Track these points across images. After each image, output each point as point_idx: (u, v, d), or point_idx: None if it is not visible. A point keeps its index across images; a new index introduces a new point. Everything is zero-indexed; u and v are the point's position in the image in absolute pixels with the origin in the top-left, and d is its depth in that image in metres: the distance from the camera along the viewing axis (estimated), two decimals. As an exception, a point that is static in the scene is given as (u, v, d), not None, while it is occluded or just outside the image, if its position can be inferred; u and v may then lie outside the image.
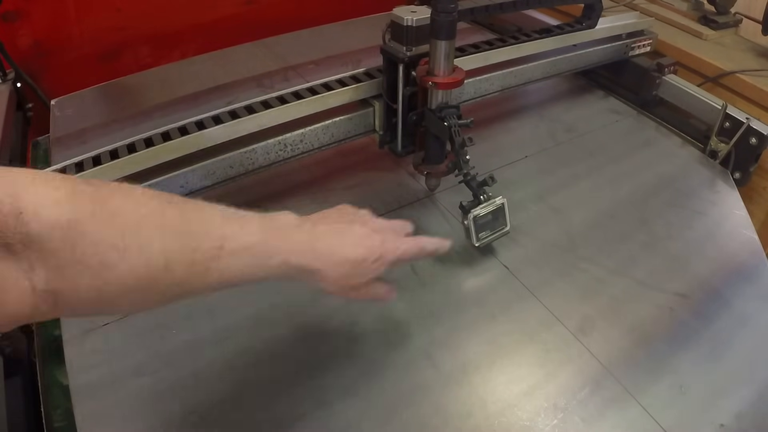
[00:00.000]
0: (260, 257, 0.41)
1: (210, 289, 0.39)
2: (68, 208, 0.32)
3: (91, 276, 0.33)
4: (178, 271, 0.36)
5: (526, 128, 0.98)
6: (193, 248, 0.37)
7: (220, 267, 0.38)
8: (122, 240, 0.34)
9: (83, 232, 0.32)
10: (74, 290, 0.33)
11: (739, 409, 0.58)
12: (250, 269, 0.40)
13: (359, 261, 0.47)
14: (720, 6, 1.16)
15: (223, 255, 0.38)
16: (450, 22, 0.63)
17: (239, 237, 0.40)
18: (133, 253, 0.34)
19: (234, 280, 0.40)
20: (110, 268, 0.33)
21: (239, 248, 0.39)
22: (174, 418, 0.53)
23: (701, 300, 0.69)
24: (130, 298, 0.35)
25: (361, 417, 0.54)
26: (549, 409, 0.56)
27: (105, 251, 0.33)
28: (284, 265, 0.43)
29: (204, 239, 0.38)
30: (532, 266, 0.71)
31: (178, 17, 1.24)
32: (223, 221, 0.40)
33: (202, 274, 0.38)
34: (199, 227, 0.38)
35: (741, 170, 0.90)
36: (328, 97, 0.76)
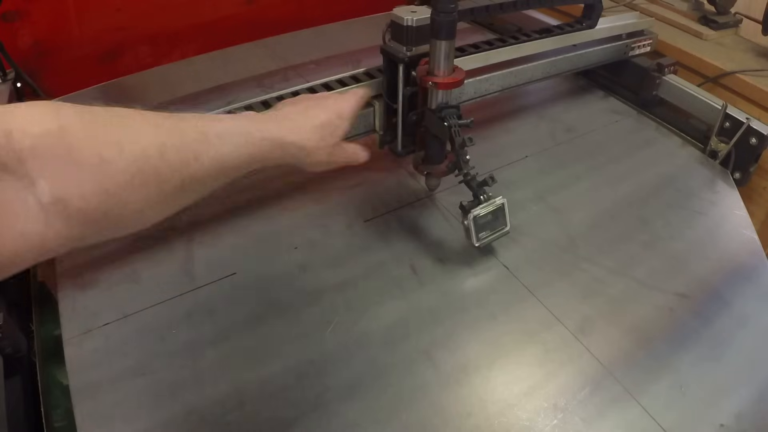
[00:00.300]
0: (241, 136, 0.45)
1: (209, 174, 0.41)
2: (56, 118, 0.33)
3: (92, 174, 0.33)
4: (172, 156, 0.38)
5: (526, 128, 0.98)
6: (180, 134, 0.39)
7: (209, 151, 0.41)
8: (114, 134, 0.35)
9: (75, 132, 0.33)
10: (80, 194, 0.33)
11: (739, 409, 0.58)
12: (237, 148, 0.44)
13: (326, 122, 0.55)
14: (720, 6, 1.16)
15: (208, 138, 0.41)
16: (450, 22, 0.63)
17: (219, 125, 0.44)
18: (128, 144, 0.35)
19: (226, 163, 0.43)
20: (110, 162, 0.34)
21: (221, 132, 0.43)
22: (174, 418, 0.53)
23: (701, 300, 0.69)
24: (134, 192, 0.35)
25: (361, 417, 0.54)
26: (549, 409, 0.56)
27: (102, 147, 0.34)
28: (264, 142, 0.47)
29: (188, 127, 0.41)
30: (532, 266, 0.71)
31: (178, 17, 1.24)
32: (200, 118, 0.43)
33: (196, 158, 0.40)
34: (180, 122, 0.41)
35: (741, 170, 0.90)
36: (328, 97, 0.75)
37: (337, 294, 0.66)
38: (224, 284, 0.66)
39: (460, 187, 0.69)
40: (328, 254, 0.71)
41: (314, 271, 0.69)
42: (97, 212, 0.34)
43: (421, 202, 0.80)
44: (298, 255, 0.71)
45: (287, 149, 0.50)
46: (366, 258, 0.71)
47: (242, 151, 0.45)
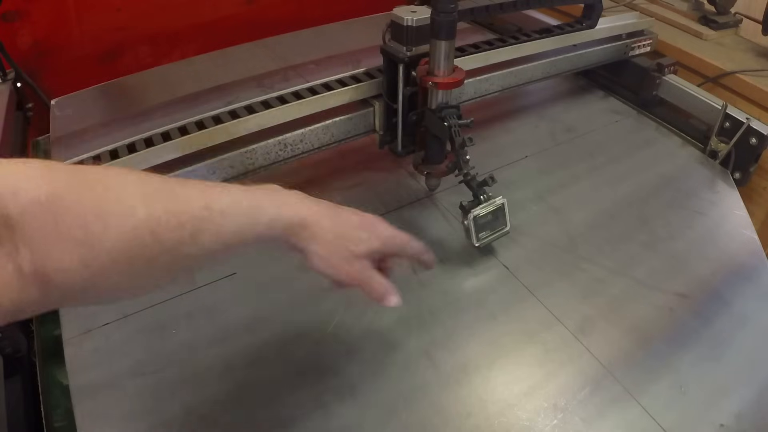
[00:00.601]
0: (251, 215, 0.40)
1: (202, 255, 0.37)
2: (46, 184, 0.31)
3: (76, 249, 0.31)
4: (166, 236, 0.35)
5: (526, 128, 0.98)
6: (180, 211, 0.36)
7: (210, 228, 0.37)
8: (104, 207, 0.33)
9: (63, 204, 0.31)
10: (62, 268, 0.31)
11: (739, 409, 0.58)
12: (242, 228, 0.39)
13: (354, 226, 0.46)
14: (720, 6, 1.16)
15: (212, 216, 0.37)
16: (450, 22, 0.63)
17: (225, 198, 0.39)
18: (116, 221, 0.33)
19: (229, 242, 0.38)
20: (95, 237, 0.32)
21: (227, 207, 0.38)
22: (174, 418, 0.53)
23: (701, 300, 0.69)
24: (120, 271, 0.33)
25: (361, 417, 0.54)
26: (549, 409, 0.56)
27: (88, 221, 0.32)
28: (276, 222, 0.41)
29: (190, 202, 0.37)
30: (532, 266, 0.71)
31: (178, 17, 1.24)
32: (206, 187, 0.39)
33: (193, 236, 0.36)
34: (183, 192, 0.37)
35: (741, 170, 0.90)
36: (328, 97, 0.76)
37: (337, 294, 0.66)
38: (224, 284, 0.66)
39: (460, 187, 0.69)
40: (328, 254, 0.71)
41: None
42: (77, 286, 0.32)
43: (421, 202, 0.80)
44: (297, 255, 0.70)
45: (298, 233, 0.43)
46: (366, 258, 0.71)
47: (247, 230, 0.39)
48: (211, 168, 0.71)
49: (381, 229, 0.48)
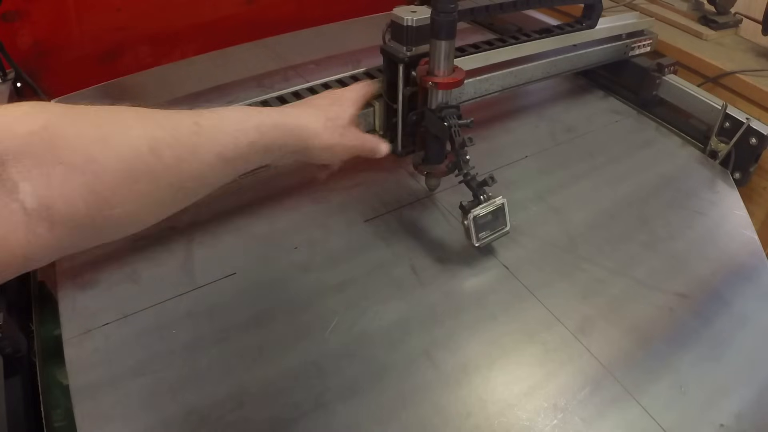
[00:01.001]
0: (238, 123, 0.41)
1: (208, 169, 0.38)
2: (41, 117, 0.31)
3: (78, 174, 0.31)
4: (165, 151, 0.35)
5: (526, 128, 0.98)
6: (173, 127, 0.36)
7: (205, 141, 0.38)
8: (101, 129, 0.32)
9: (60, 132, 0.31)
10: (66, 198, 0.30)
11: (739, 409, 0.58)
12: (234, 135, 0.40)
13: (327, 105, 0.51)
14: (720, 6, 1.16)
15: (203, 129, 0.38)
16: (450, 22, 0.63)
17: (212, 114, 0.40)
18: (115, 141, 0.32)
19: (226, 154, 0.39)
20: (96, 159, 0.31)
21: (215, 121, 0.39)
22: (174, 418, 0.53)
23: (701, 300, 0.69)
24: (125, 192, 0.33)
25: (361, 417, 0.54)
26: (549, 409, 0.56)
27: (86, 144, 0.31)
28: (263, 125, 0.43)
29: (181, 121, 0.37)
30: (532, 266, 0.71)
31: (178, 17, 1.24)
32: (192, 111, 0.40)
33: (190, 151, 0.36)
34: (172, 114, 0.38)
35: (741, 170, 0.90)
36: (328, 97, 0.76)
37: (337, 294, 0.66)
38: (224, 284, 0.66)
39: (460, 187, 0.69)
40: (328, 254, 0.71)
41: (314, 271, 0.69)
42: (85, 216, 0.31)
43: (421, 202, 0.80)
44: (298, 255, 0.71)
45: (291, 132, 0.46)
46: (366, 258, 0.71)
47: (241, 137, 0.41)
48: (211, 168, 0.71)
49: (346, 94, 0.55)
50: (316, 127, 0.49)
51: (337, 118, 0.51)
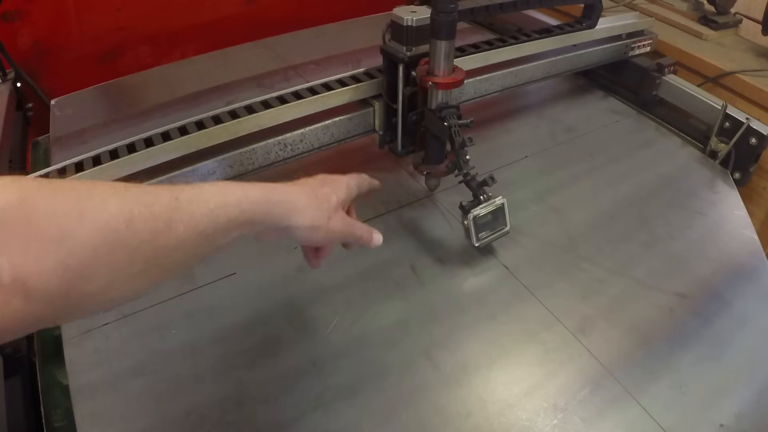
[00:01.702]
0: (218, 198, 0.40)
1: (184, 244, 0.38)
2: (15, 189, 0.31)
3: (53, 248, 0.31)
4: (141, 226, 0.35)
5: (526, 128, 0.98)
6: (151, 203, 0.36)
7: (183, 217, 0.37)
8: (77, 204, 0.33)
9: (36, 206, 0.31)
10: (41, 272, 0.31)
11: (739, 409, 0.58)
12: (213, 212, 0.39)
13: (316, 187, 0.49)
14: (720, 6, 1.16)
15: (181, 205, 0.37)
16: (450, 22, 0.63)
17: (192, 190, 0.39)
18: (90, 215, 0.33)
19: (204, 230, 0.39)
20: (71, 235, 0.31)
21: (195, 196, 0.39)
22: (174, 418, 0.53)
23: (701, 300, 0.69)
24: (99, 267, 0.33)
25: (361, 417, 0.54)
26: (549, 409, 0.56)
27: (61, 218, 0.32)
28: (245, 201, 0.42)
29: (159, 195, 0.37)
30: (532, 266, 0.71)
31: (178, 17, 1.24)
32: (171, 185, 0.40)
33: (168, 226, 0.36)
34: (151, 189, 0.38)
35: (741, 170, 0.90)
36: (328, 97, 0.76)
37: (337, 294, 0.66)
38: (224, 284, 0.66)
39: (460, 187, 0.69)
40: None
41: (314, 271, 0.69)
42: (60, 290, 0.32)
43: (421, 202, 0.80)
44: (297, 255, 0.70)
45: (274, 208, 0.44)
46: (366, 258, 0.71)
47: (220, 213, 0.40)
48: (210, 168, 0.71)
49: (337, 179, 0.52)
50: (300, 205, 0.46)
51: (326, 199, 0.49)
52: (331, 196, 0.49)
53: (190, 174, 0.70)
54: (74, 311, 0.35)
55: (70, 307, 0.34)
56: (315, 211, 0.47)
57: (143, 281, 0.37)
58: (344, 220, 0.50)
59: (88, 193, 0.34)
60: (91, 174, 0.64)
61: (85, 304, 0.34)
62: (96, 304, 0.35)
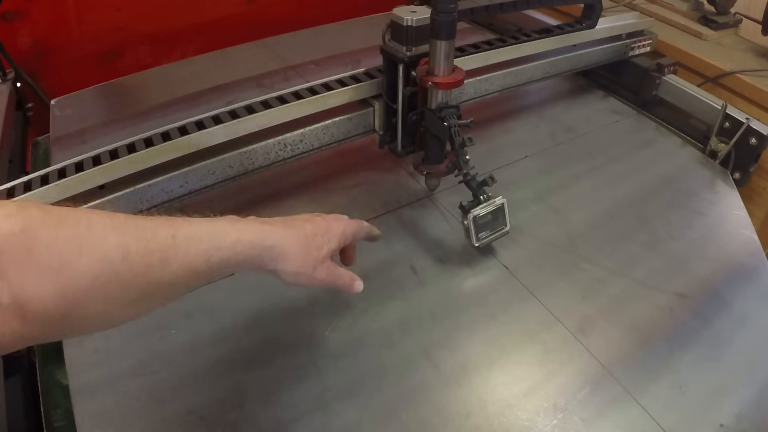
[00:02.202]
0: (213, 240, 0.42)
1: (177, 279, 0.40)
2: (20, 219, 0.33)
3: (52, 277, 0.33)
4: (136, 261, 0.37)
5: (526, 128, 0.98)
6: (148, 239, 0.38)
7: (177, 255, 0.39)
8: (76, 237, 0.35)
9: (37, 236, 0.33)
10: (40, 298, 0.33)
11: (739, 409, 0.58)
12: (208, 252, 0.42)
13: (310, 235, 0.50)
14: (720, 6, 1.16)
15: (177, 242, 0.39)
16: (450, 22, 0.63)
17: (189, 227, 0.41)
18: (89, 248, 0.35)
19: (197, 268, 0.41)
20: (70, 266, 0.34)
21: (191, 235, 0.41)
22: (174, 418, 0.53)
23: (701, 300, 0.69)
24: (95, 298, 0.35)
25: (361, 417, 0.54)
26: (549, 409, 0.56)
27: (61, 249, 0.34)
28: (239, 244, 0.44)
29: (156, 231, 0.39)
30: (532, 266, 0.71)
31: (178, 17, 1.24)
32: (169, 220, 0.41)
33: (162, 262, 0.38)
34: (149, 224, 0.40)
35: (741, 170, 0.90)
36: (328, 97, 0.76)
37: (336, 294, 0.66)
38: (224, 284, 0.66)
39: (460, 187, 0.69)
40: (328, 254, 0.71)
41: (314, 271, 0.69)
42: (56, 315, 0.34)
43: (421, 202, 0.80)
44: (298, 255, 0.70)
45: (265, 254, 0.47)
46: (366, 258, 0.71)
47: (214, 254, 0.42)
48: (210, 168, 0.71)
49: (334, 228, 0.53)
50: (290, 252, 0.48)
51: (317, 249, 0.50)
52: (323, 247, 0.51)
53: (189, 174, 0.70)
54: (68, 333, 0.38)
55: (65, 329, 0.36)
56: (303, 260, 0.49)
57: (136, 310, 0.39)
58: (329, 271, 0.52)
59: (88, 226, 0.36)
60: (91, 174, 0.64)
61: (80, 327, 0.37)
62: (89, 327, 0.38)
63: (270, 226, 0.48)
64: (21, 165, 0.88)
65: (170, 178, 0.69)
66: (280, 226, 0.49)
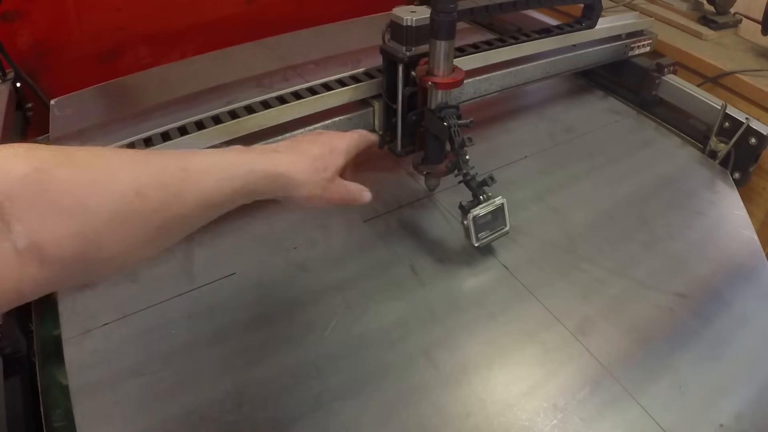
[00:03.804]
0: (226, 170, 0.42)
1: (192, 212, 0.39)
2: (32, 160, 0.32)
3: (68, 217, 0.32)
4: (151, 196, 0.36)
5: (525, 128, 0.98)
6: (159, 171, 0.38)
7: (191, 187, 0.39)
8: (89, 175, 0.34)
9: (51, 176, 0.32)
10: (56, 237, 0.32)
11: (739, 409, 0.58)
12: (220, 184, 0.41)
13: (317, 156, 0.51)
14: (720, 6, 1.16)
15: (190, 174, 0.39)
16: (450, 22, 0.63)
17: (200, 159, 0.41)
18: (103, 186, 0.34)
19: (211, 199, 0.41)
20: (84, 204, 0.33)
21: (203, 165, 0.41)
22: (174, 418, 0.53)
23: (701, 300, 0.69)
24: (113, 236, 0.35)
25: (361, 417, 0.54)
26: (548, 409, 0.56)
27: (76, 189, 0.33)
28: (251, 174, 0.44)
29: (168, 164, 0.39)
30: (532, 266, 0.71)
31: (178, 17, 1.24)
32: (181, 152, 0.41)
33: (176, 195, 0.38)
34: (161, 158, 0.39)
35: (741, 170, 0.90)
36: (328, 97, 0.76)
37: (337, 294, 0.66)
38: (224, 284, 0.66)
39: (459, 187, 0.69)
40: (327, 254, 0.71)
41: (314, 271, 0.69)
42: (74, 257, 0.33)
43: (420, 202, 0.80)
44: (297, 255, 0.71)
45: (276, 181, 0.47)
46: (366, 258, 0.71)
47: (226, 185, 0.42)
48: (210, 168, 0.71)
49: (338, 145, 0.54)
50: (301, 178, 0.49)
51: (325, 170, 0.51)
52: (330, 166, 0.52)
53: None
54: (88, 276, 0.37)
55: (84, 272, 0.35)
56: (313, 184, 0.50)
57: (153, 247, 0.39)
58: (338, 188, 0.53)
59: (100, 163, 0.35)
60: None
61: (99, 269, 0.36)
62: (109, 269, 0.37)
63: (279, 154, 0.48)
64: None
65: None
66: (288, 152, 0.49)
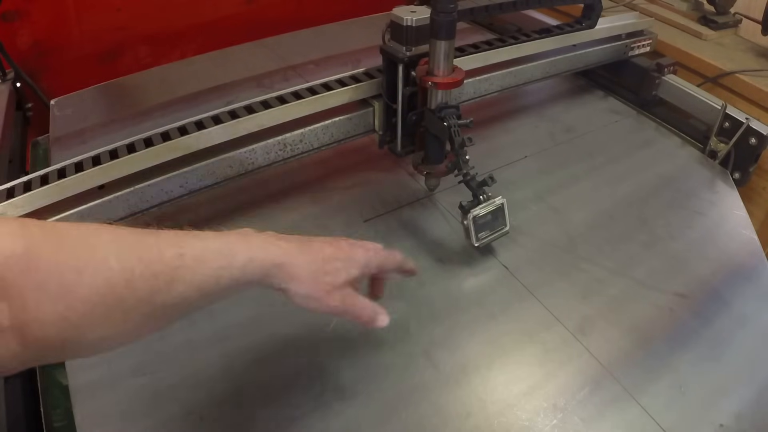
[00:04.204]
0: (224, 258, 0.40)
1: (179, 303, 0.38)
2: (22, 239, 0.32)
3: (53, 301, 0.32)
4: (140, 286, 0.35)
5: (525, 128, 0.98)
6: (153, 260, 0.36)
7: (185, 276, 0.37)
8: (78, 260, 0.33)
9: (39, 258, 0.32)
10: (39, 321, 0.32)
11: (739, 409, 0.58)
12: (217, 273, 0.39)
13: (328, 258, 0.46)
14: (720, 6, 1.16)
15: (185, 263, 0.37)
16: (450, 22, 0.63)
17: (198, 244, 0.39)
18: (90, 272, 0.33)
19: (205, 289, 0.39)
20: (70, 290, 0.33)
21: (200, 253, 0.38)
22: (174, 418, 0.53)
23: (701, 300, 0.69)
24: (96, 322, 0.34)
25: (361, 417, 0.54)
26: (548, 409, 0.56)
27: (62, 273, 0.32)
28: (250, 263, 0.41)
29: (163, 250, 0.37)
30: (532, 266, 0.71)
31: (178, 17, 1.24)
32: (177, 235, 0.39)
33: (168, 285, 0.36)
34: (156, 241, 0.37)
35: (740, 170, 0.90)
36: (328, 97, 0.76)
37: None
38: (224, 284, 0.66)
39: (459, 187, 0.69)
40: (327, 254, 0.71)
41: (314, 271, 0.69)
42: (57, 339, 0.33)
43: (420, 202, 0.80)
44: (297, 255, 0.70)
45: (274, 273, 0.43)
46: (366, 258, 0.71)
47: (223, 275, 0.39)
48: (210, 168, 0.71)
49: (357, 254, 0.48)
50: (302, 274, 0.44)
51: (332, 275, 0.46)
52: (340, 272, 0.46)
53: (189, 174, 0.70)
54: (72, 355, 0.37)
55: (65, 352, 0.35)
56: (314, 283, 0.45)
57: (138, 333, 0.37)
58: (344, 299, 0.47)
59: (90, 247, 0.34)
60: (90, 174, 0.63)
61: (82, 351, 0.36)
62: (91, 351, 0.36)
63: (284, 243, 0.44)
64: (21, 165, 0.88)
65: (170, 179, 0.69)
66: (296, 245, 0.45)
